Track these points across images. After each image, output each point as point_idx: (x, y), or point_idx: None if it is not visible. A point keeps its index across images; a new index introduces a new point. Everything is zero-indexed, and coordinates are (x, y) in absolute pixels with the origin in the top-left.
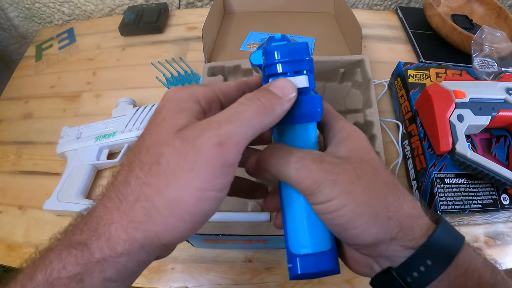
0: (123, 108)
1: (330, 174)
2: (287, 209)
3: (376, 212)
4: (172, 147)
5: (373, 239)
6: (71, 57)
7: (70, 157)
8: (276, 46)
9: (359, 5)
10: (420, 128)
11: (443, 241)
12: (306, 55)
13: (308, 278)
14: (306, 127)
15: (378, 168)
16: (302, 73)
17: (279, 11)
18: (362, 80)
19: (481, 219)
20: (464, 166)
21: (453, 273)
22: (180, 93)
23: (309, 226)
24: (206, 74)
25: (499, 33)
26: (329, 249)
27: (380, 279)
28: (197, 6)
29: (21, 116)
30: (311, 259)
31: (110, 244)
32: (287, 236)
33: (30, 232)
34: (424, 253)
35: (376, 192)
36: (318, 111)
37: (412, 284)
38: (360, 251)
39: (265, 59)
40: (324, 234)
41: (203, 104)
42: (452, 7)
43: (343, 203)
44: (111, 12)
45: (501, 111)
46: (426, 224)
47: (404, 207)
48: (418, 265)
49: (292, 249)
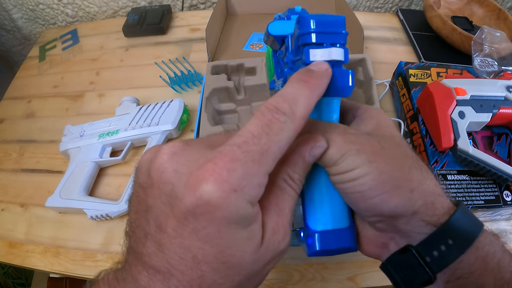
0: (126, 107)
1: (354, 144)
2: (306, 185)
3: (398, 182)
4: None
5: (393, 210)
6: (74, 57)
7: (73, 155)
8: (314, 16)
9: (360, 8)
10: (422, 126)
11: (464, 222)
12: (343, 28)
13: (326, 254)
14: (332, 101)
15: (401, 144)
16: (337, 45)
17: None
18: (364, 79)
19: (484, 216)
20: (466, 162)
21: (474, 256)
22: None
23: (329, 203)
24: (210, 72)
25: (499, 33)
26: (348, 226)
27: (395, 259)
28: (200, 8)
29: (23, 115)
30: (330, 235)
31: None
32: (305, 213)
33: (32, 229)
34: (446, 231)
35: (400, 163)
36: (350, 86)
37: (431, 264)
38: (378, 226)
39: (300, 27)
40: (343, 211)
41: None
42: (452, 9)
43: (365, 171)
44: (114, 14)
45: (502, 108)
46: (448, 204)
47: (428, 183)
48: (439, 244)
49: (311, 225)
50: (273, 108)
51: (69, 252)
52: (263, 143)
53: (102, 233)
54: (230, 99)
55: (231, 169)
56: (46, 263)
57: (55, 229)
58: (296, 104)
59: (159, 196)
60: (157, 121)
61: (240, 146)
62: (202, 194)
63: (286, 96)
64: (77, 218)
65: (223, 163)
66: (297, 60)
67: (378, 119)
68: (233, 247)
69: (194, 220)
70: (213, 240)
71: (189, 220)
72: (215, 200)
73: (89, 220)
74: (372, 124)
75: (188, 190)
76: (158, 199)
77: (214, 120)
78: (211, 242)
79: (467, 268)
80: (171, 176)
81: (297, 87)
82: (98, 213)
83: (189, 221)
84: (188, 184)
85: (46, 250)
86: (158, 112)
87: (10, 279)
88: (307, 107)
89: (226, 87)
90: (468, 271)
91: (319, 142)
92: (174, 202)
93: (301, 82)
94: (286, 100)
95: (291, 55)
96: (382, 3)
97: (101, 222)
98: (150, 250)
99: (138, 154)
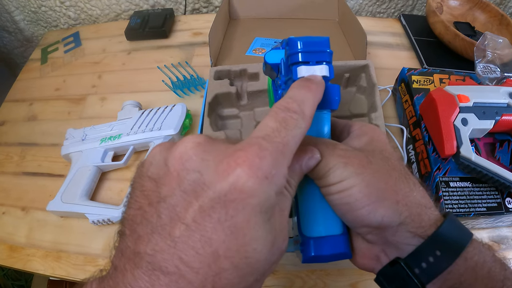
0: (128, 111)
1: (342, 158)
2: (300, 196)
3: (384, 194)
4: None
5: (379, 221)
6: (76, 60)
7: (75, 159)
8: (300, 38)
9: (362, 13)
10: (425, 132)
11: (452, 233)
12: (327, 48)
13: (321, 261)
14: (321, 115)
15: (390, 158)
16: (322, 63)
17: (284, 17)
18: (366, 85)
19: (486, 223)
20: (468, 169)
21: (463, 266)
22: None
23: (322, 211)
24: (213, 77)
25: (502, 39)
26: (341, 233)
27: (386, 271)
28: (203, 12)
29: (25, 118)
30: (324, 241)
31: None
32: (300, 222)
33: (33, 233)
34: (433, 243)
35: (386, 176)
36: (336, 99)
37: (420, 275)
38: (368, 238)
39: (289, 49)
40: (336, 219)
41: None
42: (454, 14)
43: (352, 183)
44: (116, 17)
45: (505, 115)
46: (435, 215)
47: (414, 195)
48: (427, 255)
49: (306, 232)
50: (284, 108)
51: (70, 256)
52: (283, 136)
53: (104, 238)
54: (233, 105)
55: (262, 157)
56: (47, 267)
57: (56, 233)
58: (304, 104)
59: (180, 184)
60: (159, 126)
61: (265, 138)
62: (237, 180)
63: (294, 97)
64: (79, 222)
65: (254, 151)
66: (288, 79)
67: (371, 135)
68: (256, 241)
69: (222, 208)
70: (239, 231)
71: (216, 209)
72: (250, 186)
73: (91, 224)
74: (364, 140)
75: (219, 176)
76: (178, 188)
77: (216, 125)
78: (237, 233)
79: (457, 278)
80: (198, 163)
81: (301, 91)
82: (99, 217)
83: (215, 210)
84: (218, 170)
85: (47, 254)
86: (160, 117)
87: (9, 281)
88: (312, 107)
89: (229, 92)
90: (458, 281)
91: (316, 154)
92: (200, 190)
93: (304, 87)
94: (295, 101)
95: (283, 76)
96: (385, 8)
97: (103, 226)
98: (157, 247)
99: (140, 159)
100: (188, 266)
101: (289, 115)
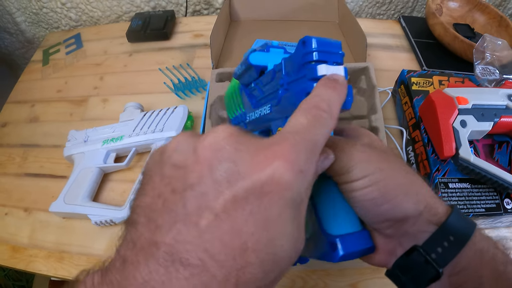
0: (130, 113)
1: (363, 153)
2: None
3: (406, 187)
4: None
5: (404, 213)
6: (78, 62)
7: (77, 160)
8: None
9: (362, 15)
10: (424, 134)
11: (460, 221)
12: (340, 49)
13: (350, 258)
14: None
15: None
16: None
17: (284, 19)
18: (366, 87)
19: (484, 224)
20: (467, 170)
21: (472, 250)
22: None
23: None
24: (214, 80)
25: (501, 41)
26: (363, 228)
27: (402, 262)
28: (203, 14)
29: (27, 120)
30: (353, 238)
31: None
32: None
33: (35, 234)
34: (446, 229)
35: (403, 171)
36: (349, 100)
37: (437, 259)
38: (387, 232)
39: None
40: (355, 215)
41: None
42: (454, 16)
43: (377, 178)
44: (117, 19)
45: (503, 117)
46: (444, 206)
47: (426, 187)
48: (442, 241)
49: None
50: (314, 106)
51: (73, 257)
52: (313, 133)
53: (106, 238)
54: None
55: (298, 152)
56: (50, 268)
57: (59, 234)
58: (332, 104)
59: (211, 173)
60: (161, 127)
61: (298, 134)
62: (274, 172)
63: (323, 96)
64: (81, 223)
65: (289, 146)
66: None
67: (369, 137)
68: (283, 237)
69: (256, 199)
70: (270, 224)
71: (249, 200)
72: (286, 179)
73: (93, 225)
74: (366, 140)
75: (255, 167)
76: (208, 177)
77: None
78: (268, 227)
79: (466, 262)
80: (232, 153)
81: (328, 91)
82: (102, 218)
83: (248, 201)
84: (254, 162)
85: (50, 255)
86: (162, 119)
87: (10, 281)
88: (339, 107)
89: None
90: (467, 265)
91: (330, 155)
92: (234, 180)
93: (330, 88)
94: (324, 100)
95: (287, 76)
96: (385, 10)
97: (105, 227)
98: (179, 236)
99: (142, 160)
100: (213, 259)
101: (319, 113)
